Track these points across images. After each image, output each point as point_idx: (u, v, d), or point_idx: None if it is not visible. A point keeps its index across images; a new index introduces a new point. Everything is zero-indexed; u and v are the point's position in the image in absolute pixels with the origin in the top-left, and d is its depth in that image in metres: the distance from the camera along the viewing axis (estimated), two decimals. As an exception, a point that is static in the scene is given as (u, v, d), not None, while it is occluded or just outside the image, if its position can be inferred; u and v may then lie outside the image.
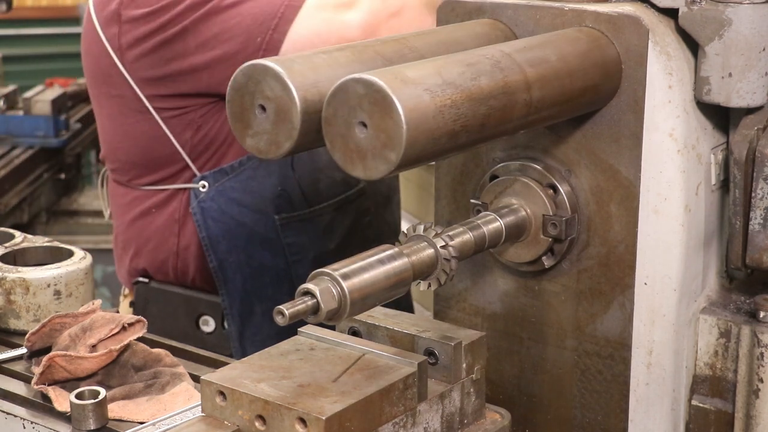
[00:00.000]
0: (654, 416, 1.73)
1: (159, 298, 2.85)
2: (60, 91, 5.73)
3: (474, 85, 1.38)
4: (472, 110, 1.37)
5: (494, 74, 1.43)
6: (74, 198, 6.11)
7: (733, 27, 1.58)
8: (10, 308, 2.02)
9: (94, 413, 1.66)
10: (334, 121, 1.31)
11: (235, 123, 1.40)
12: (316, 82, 1.37)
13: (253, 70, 1.37)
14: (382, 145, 1.28)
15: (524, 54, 1.50)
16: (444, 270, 1.50)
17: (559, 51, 1.56)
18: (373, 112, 1.28)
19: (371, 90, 1.28)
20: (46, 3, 8.91)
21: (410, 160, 1.30)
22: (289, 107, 1.35)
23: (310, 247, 2.75)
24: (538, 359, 1.82)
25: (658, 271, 1.68)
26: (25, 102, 5.53)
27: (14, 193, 5.10)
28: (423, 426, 1.48)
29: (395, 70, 1.34)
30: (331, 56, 1.44)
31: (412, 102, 1.28)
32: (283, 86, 1.35)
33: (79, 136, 5.82)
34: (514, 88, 1.45)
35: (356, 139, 1.30)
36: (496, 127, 1.44)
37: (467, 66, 1.40)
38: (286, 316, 1.28)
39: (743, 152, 1.65)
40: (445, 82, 1.35)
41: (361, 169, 1.31)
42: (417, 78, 1.32)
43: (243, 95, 1.38)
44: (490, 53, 1.47)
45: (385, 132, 1.28)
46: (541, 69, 1.50)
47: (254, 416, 1.38)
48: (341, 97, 1.30)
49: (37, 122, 5.44)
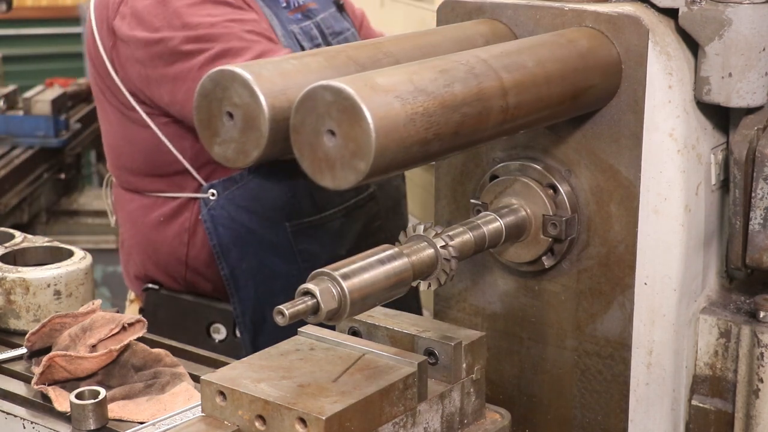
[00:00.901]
0: (654, 416, 1.73)
1: (169, 305, 2.83)
2: (60, 91, 5.73)
3: (447, 92, 1.35)
4: (444, 118, 1.33)
5: (468, 81, 1.39)
6: (74, 198, 6.10)
7: (733, 27, 1.58)
8: (10, 308, 2.02)
9: (94, 413, 1.66)
10: (302, 130, 1.27)
11: (203, 131, 1.36)
12: (285, 88, 1.33)
13: (221, 77, 1.32)
14: (351, 154, 1.24)
15: (501, 60, 1.46)
16: (444, 270, 1.50)
17: (537, 56, 1.52)
18: (342, 120, 1.24)
19: (339, 97, 1.24)
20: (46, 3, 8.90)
21: (380, 169, 1.26)
22: (257, 115, 1.31)
23: (322, 253, 2.74)
24: (538, 359, 1.82)
25: (658, 271, 1.68)
26: (25, 102, 5.52)
27: (14, 193, 5.09)
28: (423, 426, 1.48)
29: (365, 76, 1.30)
30: (302, 62, 1.40)
31: (381, 110, 1.24)
32: (251, 93, 1.30)
33: (79, 136, 5.82)
34: (489, 95, 1.41)
35: (325, 148, 1.26)
36: (470, 134, 1.40)
37: (440, 72, 1.36)
38: (286, 316, 1.28)
39: (743, 152, 1.65)
40: (417, 89, 1.31)
41: (330, 178, 1.27)
42: (387, 85, 1.28)
43: (210, 102, 1.34)
44: (465, 59, 1.43)
45: (354, 141, 1.24)
46: (517, 75, 1.46)
47: (254, 416, 1.38)
48: (309, 105, 1.26)
49: (37, 122, 5.43)
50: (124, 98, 2.69)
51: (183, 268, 2.78)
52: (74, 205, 6.03)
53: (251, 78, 1.30)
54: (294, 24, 2.75)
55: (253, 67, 1.33)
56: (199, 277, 2.78)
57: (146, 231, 2.81)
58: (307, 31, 2.78)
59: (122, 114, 2.73)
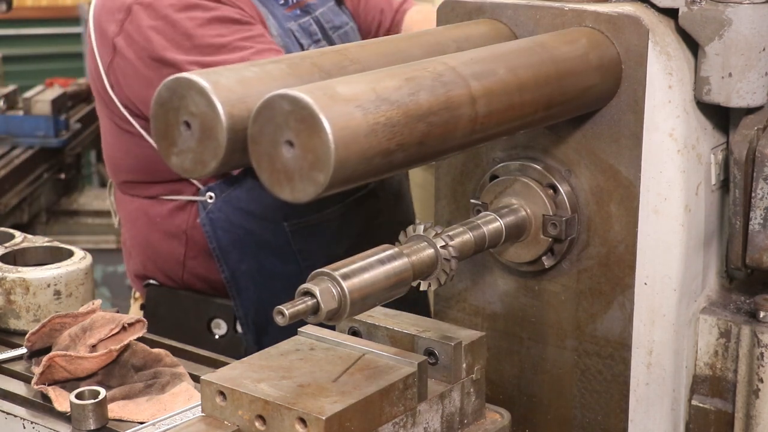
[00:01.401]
0: (654, 416, 1.73)
1: (170, 300, 2.82)
2: (60, 91, 5.73)
3: (412, 100, 1.30)
4: (409, 128, 1.29)
5: (435, 89, 1.34)
6: (74, 198, 6.10)
7: (733, 27, 1.58)
8: (10, 308, 2.02)
9: (94, 413, 1.66)
10: (260, 140, 1.23)
11: (160, 140, 1.31)
12: (245, 97, 1.28)
13: (178, 85, 1.27)
14: (310, 165, 1.20)
15: (470, 67, 1.42)
16: (444, 270, 1.50)
17: (509, 63, 1.47)
18: (300, 130, 1.20)
19: (297, 107, 1.19)
20: (46, 3, 8.91)
21: (341, 181, 1.22)
22: (215, 124, 1.26)
23: (321, 252, 2.72)
24: (538, 359, 1.82)
25: (658, 271, 1.68)
26: (25, 102, 5.52)
27: (14, 193, 5.09)
28: (423, 426, 1.48)
29: (325, 85, 1.26)
30: (264, 69, 1.34)
31: (341, 120, 1.20)
32: (208, 102, 1.25)
33: (79, 136, 5.82)
34: (457, 103, 1.36)
35: (283, 159, 1.22)
36: (437, 144, 1.36)
37: (406, 80, 1.32)
38: (286, 316, 1.28)
39: (743, 152, 1.65)
40: (380, 98, 1.26)
41: (289, 191, 1.23)
42: (348, 94, 1.24)
43: (167, 111, 1.29)
44: (433, 66, 1.38)
45: (313, 152, 1.20)
46: (487, 82, 1.41)
47: (254, 416, 1.38)
48: (267, 114, 1.22)
49: (37, 122, 5.43)
50: (119, 112, 2.68)
51: (180, 269, 2.78)
52: (74, 205, 6.03)
53: (208, 86, 1.26)
54: (292, 21, 2.74)
55: (211, 74, 1.29)
56: (196, 278, 2.78)
57: (145, 231, 2.81)
58: (305, 27, 2.76)
59: (118, 126, 2.72)
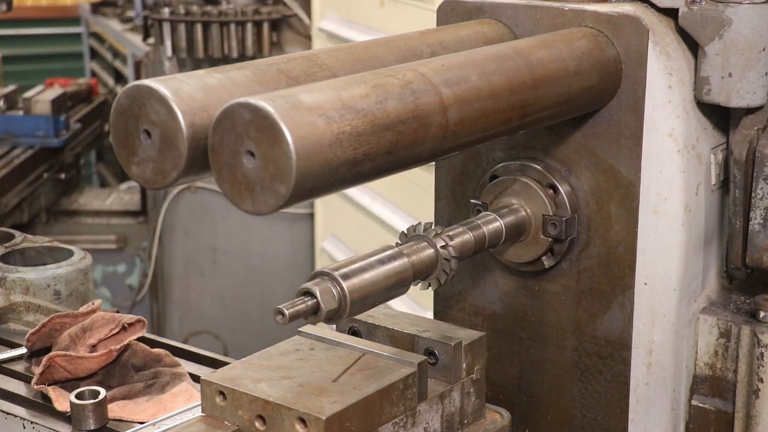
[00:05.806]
0: (654, 416, 1.73)
1: None
2: (60, 91, 5.73)
3: (379, 109, 1.26)
4: (376, 137, 1.25)
5: (404, 96, 1.30)
6: (74, 198, 6.11)
7: (733, 27, 1.58)
8: (10, 308, 2.02)
9: (94, 413, 1.66)
10: (221, 150, 1.19)
11: (120, 149, 1.27)
12: (206, 105, 1.24)
13: (137, 92, 1.24)
14: (272, 176, 1.16)
15: (441, 74, 1.38)
16: (444, 270, 1.50)
17: (482, 70, 1.43)
18: (261, 140, 1.16)
19: (258, 116, 1.15)
20: (46, 3, 8.91)
21: (303, 192, 1.19)
22: (175, 133, 1.22)
23: None
24: (538, 359, 1.82)
25: (658, 271, 1.68)
26: (25, 102, 5.53)
27: (14, 193, 5.10)
28: (423, 426, 1.48)
29: (288, 93, 1.21)
30: (227, 76, 1.30)
31: (304, 129, 1.16)
32: (168, 110, 1.22)
33: (79, 136, 5.82)
34: (426, 111, 1.32)
35: (244, 170, 1.18)
36: (406, 153, 1.32)
37: (373, 88, 1.28)
38: (286, 316, 1.28)
39: (743, 152, 1.65)
40: (345, 106, 1.22)
41: (250, 202, 1.19)
42: (312, 102, 1.20)
43: (127, 119, 1.25)
44: (402, 73, 1.34)
45: (274, 163, 1.15)
46: (459, 89, 1.38)
47: (254, 416, 1.38)
48: (227, 124, 1.18)
49: (37, 122, 5.44)
50: None
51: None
52: (74, 205, 6.04)
53: (169, 94, 1.22)
54: None
55: (172, 82, 1.25)
56: None
57: None
58: None
59: None
